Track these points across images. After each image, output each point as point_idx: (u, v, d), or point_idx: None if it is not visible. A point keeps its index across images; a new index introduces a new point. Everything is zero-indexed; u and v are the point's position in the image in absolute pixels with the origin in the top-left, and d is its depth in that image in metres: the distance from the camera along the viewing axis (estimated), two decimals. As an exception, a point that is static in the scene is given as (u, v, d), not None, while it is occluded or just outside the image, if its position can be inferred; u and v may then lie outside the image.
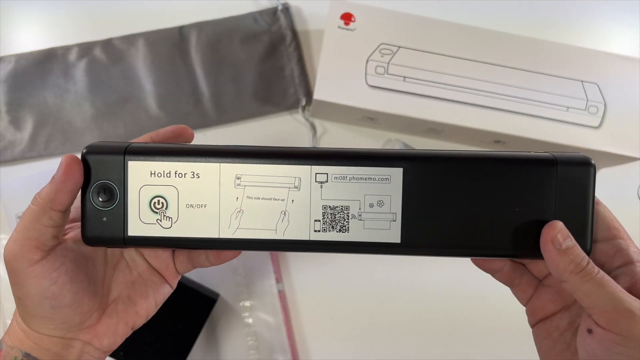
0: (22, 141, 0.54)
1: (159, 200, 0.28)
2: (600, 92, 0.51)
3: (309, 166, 0.27)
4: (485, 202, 0.27)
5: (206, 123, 0.56)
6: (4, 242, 0.52)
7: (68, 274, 0.28)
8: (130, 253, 0.32)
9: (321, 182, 0.28)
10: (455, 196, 0.27)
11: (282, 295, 0.53)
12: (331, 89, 0.49)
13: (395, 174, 0.27)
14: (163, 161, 0.28)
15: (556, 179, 0.27)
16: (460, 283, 0.54)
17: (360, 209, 0.27)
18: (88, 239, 0.28)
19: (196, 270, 0.52)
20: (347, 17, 0.51)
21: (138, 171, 0.28)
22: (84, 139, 0.55)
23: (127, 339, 0.48)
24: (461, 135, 0.54)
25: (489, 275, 0.31)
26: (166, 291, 0.33)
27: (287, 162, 0.28)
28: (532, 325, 0.31)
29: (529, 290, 0.30)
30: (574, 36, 0.61)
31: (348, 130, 0.57)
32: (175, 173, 0.28)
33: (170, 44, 0.57)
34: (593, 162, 0.27)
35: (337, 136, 0.57)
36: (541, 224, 0.27)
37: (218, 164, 0.28)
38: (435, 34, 0.51)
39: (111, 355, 0.48)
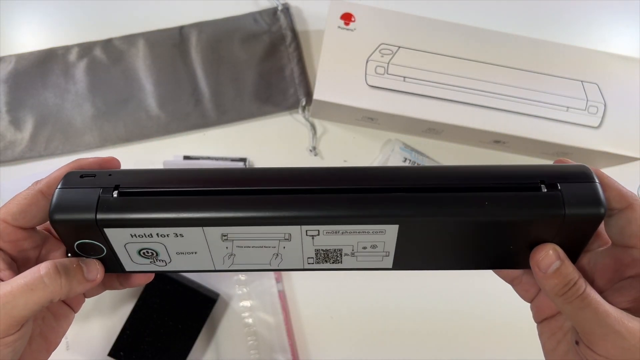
0: (23, 141, 0.54)
1: (147, 251, 0.27)
2: (600, 92, 0.51)
3: (299, 226, 0.25)
4: (482, 240, 0.27)
5: (206, 123, 0.56)
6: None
7: (25, 339, 0.25)
8: None
9: (312, 236, 0.26)
10: (451, 238, 0.27)
11: (282, 295, 0.53)
12: (331, 89, 0.49)
13: (391, 229, 0.25)
14: (141, 227, 0.25)
15: (562, 226, 0.25)
16: (461, 283, 0.54)
17: (353, 250, 0.27)
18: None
19: (196, 270, 0.52)
20: (347, 17, 0.51)
21: (118, 235, 0.25)
22: (84, 139, 0.55)
23: (127, 339, 0.49)
24: (461, 135, 0.54)
25: (490, 276, 0.31)
26: (72, 319, 0.30)
27: (274, 223, 0.25)
28: (537, 322, 0.30)
29: (532, 289, 0.30)
30: (574, 36, 0.61)
31: (348, 130, 0.57)
32: (157, 234, 0.26)
33: (171, 44, 0.57)
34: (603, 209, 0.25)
35: (337, 136, 0.57)
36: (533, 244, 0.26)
37: (201, 228, 0.25)
38: (435, 34, 0.51)
39: (111, 356, 0.48)
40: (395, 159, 0.55)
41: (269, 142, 0.57)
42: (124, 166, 0.28)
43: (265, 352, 0.52)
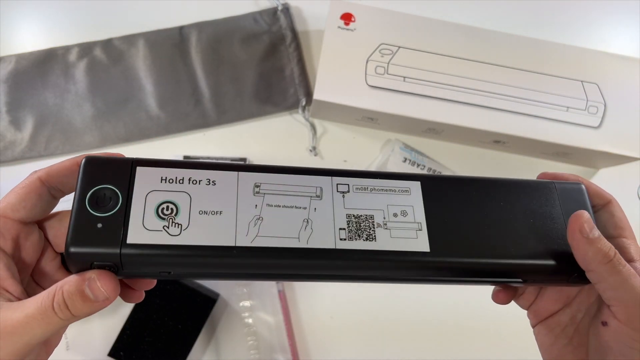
0: (23, 141, 0.54)
1: (167, 206, 0.25)
2: (600, 92, 0.51)
3: (330, 177, 0.27)
4: (500, 214, 0.28)
5: (206, 123, 0.56)
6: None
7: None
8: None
9: (343, 192, 0.27)
10: (472, 210, 0.28)
11: (282, 295, 0.53)
12: (331, 89, 0.49)
13: (414, 187, 0.28)
14: (174, 167, 0.26)
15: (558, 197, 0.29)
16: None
17: (384, 218, 0.27)
18: (72, 253, 0.23)
19: (196, 270, 0.52)
20: (347, 17, 0.51)
21: (147, 176, 0.25)
22: (84, 139, 0.55)
23: (127, 339, 0.49)
24: (461, 135, 0.54)
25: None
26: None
27: (306, 173, 0.27)
28: (534, 326, 0.31)
29: (531, 298, 0.31)
30: (574, 36, 0.61)
31: (348, 130, 0.57)
32: (189, 180, 0.25)
33: (171, 44, 0.57)
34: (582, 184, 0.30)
35: (337, 136, 0.57)
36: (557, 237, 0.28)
37: (236, 172, 0.26)
38: (435, 34, 0.51)
39: (112, 356, 0.48)
40: (395, 159, 0.55)
41: (269, 142, 0.57)
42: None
43: (265, 352, 0.52)
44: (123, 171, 0.25)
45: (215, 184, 0.26)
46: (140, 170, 0.25)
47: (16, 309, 0.22)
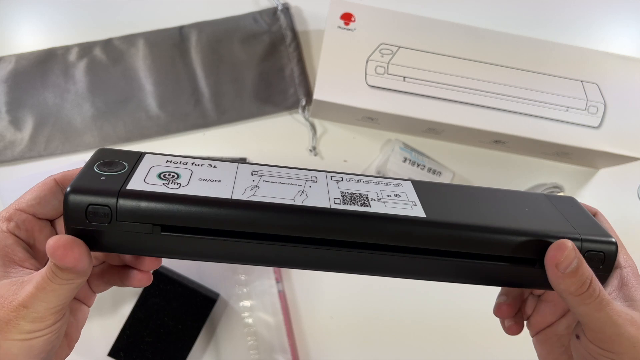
0: (22, 141, 0.54)
1: (169, 173, 0.26)
2: (600, 92, 0.51)
3: (324, 172, 0.28)
4: (493, 205, 0.28)
5: (206, 123, 0.56)
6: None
7: (66, 325, 0.26)
8: None
9: (337, 181, 0.28)
10: (464, 202, 0.28)
11: (282, 295, 0.53)
12: (331, 89, 0.49)
13: (406, 184, 0.29)
14: (181, 157, 0.27)
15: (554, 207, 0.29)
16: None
17: (378, 196, 0.27)
18: (72, 191, 0.23)
19: (196, 270, 0.52)
20: (347, 17, 0.51)
21: (153, 159, 0.27)
22: (84, 139, 0.55)
23: (127, 339, 0.49)
24: (461, 135, 0.54)
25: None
26: (87, 313, 0.31)
27: (302, 168, 0.28)
28: (533, 336, 0.32)
29: (529, 311, 0.32)
30: (574, 36, 0.61)
31: (348, 130, 0.57)
32: (192, 163, 0.27)
33: (171, 44, 0.57)
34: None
35: (337, 136, 0.57)
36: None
37: (236, 164, 0.28)
38: (435, 34, 0.51)
39: (111, 355, 0.48)
40: (395, 159, 0.55)
41: (269, 142, 0.57)
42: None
43: (265, 352, 0.52)
44: (132, 155, 0.27)
45: (216, 167, 0.27)
46: (148, 156, 0.27)
47: (30, 281, 0.24)
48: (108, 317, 0.52)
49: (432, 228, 0.26)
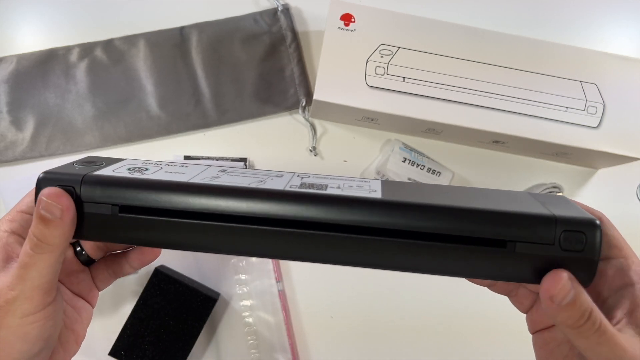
0: (24, 141, 0.54)
1: (139, 167, 0.28)
2: (599, 93, 0.51)
3: (294, 173, 0.29)
4: (462, 197, 0.27)
5: (207, 123, 0.56)
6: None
7: (62, 313, 0.27)
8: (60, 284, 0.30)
9: (302, 177, 0.28)
10: (433, 194, 0.27)
11: (282, 294, 0.53)
12: (331, 89, 0.49)
13: (375, 182, 0.28)
14: (160, 162, 0.31)
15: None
16: (461, 282, 0.54)
17: (339, 187, 0.27)
18: (44, 174, 0.26)
19: (197, 269, 0.52)
20: (347, 18, 0.51)
21: (132, 161, 0.29)
22: (85, 139, 0.55)
23: (128, 339, 0.49)
24: (461, 136, 0.54)
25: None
26: (91, 312, 0.32)
27: (277, 171, 0.30)
28: (532, 333, 0.30)
29: (527, 302, 0.30)
30: (573, 36, 0.61)
31: (348, 130, 0.58)
32: (166, 164, 0.30)
33: (171, 45, 0.57)
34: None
35: (337, 136, 0.57)
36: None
37: (208, 166, 0.30)
38: (435, 35, 0.51)
39: (112, 355, 0.48)
40: (395, 159, 0.55)
41: (269, 142, 0.57)
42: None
43: (265, 352, 0.52)
44: (114, 159, 0.30)
45: (187, 167, 0.29)
46: (129, 159, 0.30)
47: (16, 264, 0.25)
48: (109, 316, 0.52)
49: (387, 205, 0.25)
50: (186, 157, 0.55)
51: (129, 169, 0.28)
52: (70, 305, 0.30)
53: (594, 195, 0.58)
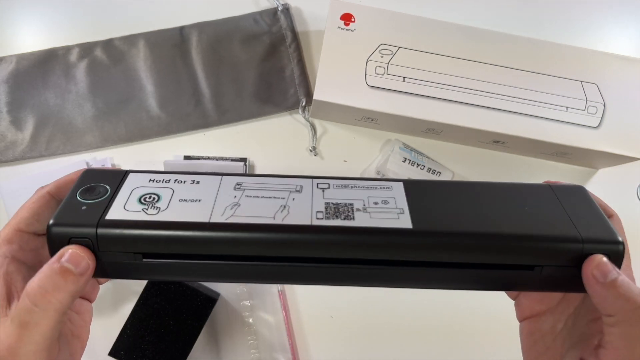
0: (23, 141, 0.54)
1: (150, 196, 0.26)
2: (600, 92, 0.51)
3: (311, 179, 0.27)
4: (489, 205, 0.26)
5: (207, 123, 0.56)
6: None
7: (57, 343, 0.25)
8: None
9: (323, 189, 0.27)
10: (458, 202, 0.27)
11: (282, 294, 0.53)
12: (331, 89, 0.49)
13: (397, 186, 0.27)
14: (165, 173, 0.27)
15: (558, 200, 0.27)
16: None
17: (365, 205, 0.26)
18: (54, 224, 0.24)
19: (197, 270, 0.52)
20: (347, 18, 0.51)
21: (137, 179, 0.27)
22: (85, 139, 0.55)
23: (128, 339, 0.49)
24: (461, 136, 0.54)
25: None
26: (91, 310, 0.31)
27: (289, 177, 0.28)
28: (520, 321, 0.31)
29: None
30: (574, 36, 0.61)
31: (348, 130, 0.57)
32: (175, 180, 0.27)
33: (171, 45, 0.57)
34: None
35: (337, 136, 0.57)
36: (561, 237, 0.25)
37: (220, 176, 0.27)
38: (435, 35, 0.51)
39: (112, 355, 0.48)
40: (395, 159, 0.55)
41: (269, 142, 0.57)
42: (125, 167, 0.29)
43: (265, 352, 0.52)
44: (116, 175, 0.27)
45: (199, 183, 0.27)
46: (132, 175, 0.27)
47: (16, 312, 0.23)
48: (108, 316, 0.52)
49: (419, 238, 0.24)
50: (186, 157, 0.55)
51: (140, 200, 0.25)
52: (74, 312, 0.29)
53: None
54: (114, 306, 0.52)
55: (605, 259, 0.24)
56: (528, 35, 0.52)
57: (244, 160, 0.55)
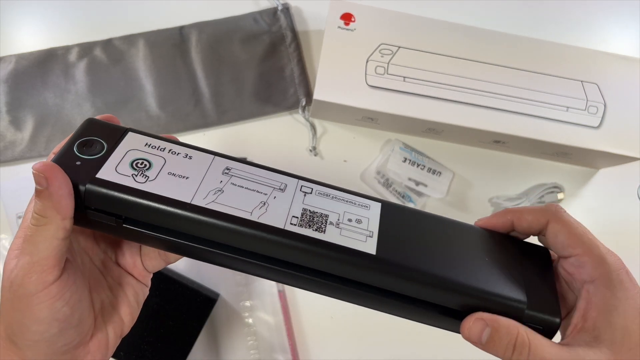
0: (23, 141, 0.54)
1: (142, 162, 0.27)
2: (600, 92, 0.51)
3: (297, 179, 0.28)
4: (454, 251, 0.27)
5: (206, 123, 0.56)
6: (4, 243, 0.52)
7: (77, 293, 0.26)
8: (99, 257, 0.30)
9: (305, 192, 0.28)
10: (427, 238, 0.28)
11: (282, 295, 0.53)
12: (331, 89, 0.49)
13: (375, 206, 0.28)
14: (162, 140, 0.28)
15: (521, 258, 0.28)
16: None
17: (339, 219, 0.27)
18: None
19: (196, 270, 0.52)
20: (347, 17, 0.51)
21: (134, 140, 0.28)
22: (84, 139, 0.55)
23: (127, 339, 0.48)
24: (461, 135, 0.54)
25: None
26: (144, 290, 0.31)
27: (278, 172, 0.28)
28: None
29: None
30: (574, 36, 0.61)
31: (348, 130, 0.57)
32: (170, 150, 0.28)
33: (171, 44, 0.57)
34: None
35: (337, 136, 0.57)
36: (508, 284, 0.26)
37: (212, 156, 0.29)
38: (435, 34, 0.51)
39: (112, 355, 0.48)
40: (395, 159, 0.55)
41: (269, 142, 0.57)
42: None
43: (265, 352, 0.52)
44: (116, 132, 0.28)
45: (191, 158, 0.28)
46: (130, 135, 0.28)
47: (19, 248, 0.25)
48: (108, 317, 0.52)
49: (378, 266, 0.26)
50: (186, 157, 0.55)
51: (132, 165, 0.26)
52: (117, 282, 0.30)
53: (594, 195, 0.58)
54: (114, 306, 0.52)
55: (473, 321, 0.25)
56: (528, 35, 0.52)
57: (244, 160, 0.55)
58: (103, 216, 0.26)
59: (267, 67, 0.57)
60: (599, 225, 0.57)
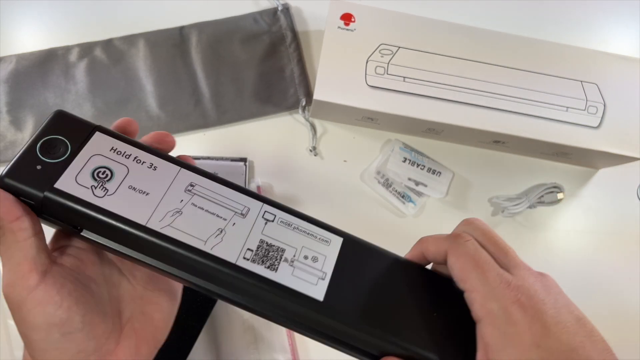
0: (23, 141, 0.54)
1: (104, 171, 0.26)
2: (600, 92, 0.51)
3: (262, 203, 0.28)
4: (405, 299, 0.27)
5: (206, 123, 0.56)
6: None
7: (72, 295, 0.25)
8: (128, 267, 0.30)
9: (267, 220, 0.27)
10: (380, 283, 0.27)
11: (282, 295, 0.53)
12: (331, 89, 0.49)
13: (336, 241, 0.28)
14: (129, 144, 0.28)
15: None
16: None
17: (295, 256, 0.27)
18: (4, 184, 0.25)
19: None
20: (347, 18, 0.51)
21: (100, 142, 0.27)
22: (85, 139, 0.55)
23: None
24: (461, 136, 0.54)
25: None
26: (177, 294, 0.31)
27: (243, 192, 0.28)
28: None
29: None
30: (574, 36, 0.61)
31: (348, 130, 0.57)
32: (135, 158, 0.27)
33: (171, 45, 0.57)
34: None
35: (337, 136, 0.57)
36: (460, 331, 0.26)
37: (178, 167, 0.28)
38: (435, 35, 0.51)
39: None
40: (395, 159, 0.55)
41: (269, 142, 0.57)
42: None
43: (265, 352, 0.52)
44: (82, 131, 0.27)
45: (155, 169, 0.27)
46: (97, 135, 0.27)
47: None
48: (108, 316, 0.52)
49: (322, 312, 0.26)
50: (186, 157, 0.55)
51: (93, 175, 0.26)
52: (148, 289, 0.30)
53: (594, 195, 0.58)
54: (114, 306, 0.52)
55: None
56: (528, 35, 0.52)
57: (243, 160, 0.55)
58: (60, 223, 0.26)
59: (267, 67, 0.57)
60: (599, 225, 0.57)
